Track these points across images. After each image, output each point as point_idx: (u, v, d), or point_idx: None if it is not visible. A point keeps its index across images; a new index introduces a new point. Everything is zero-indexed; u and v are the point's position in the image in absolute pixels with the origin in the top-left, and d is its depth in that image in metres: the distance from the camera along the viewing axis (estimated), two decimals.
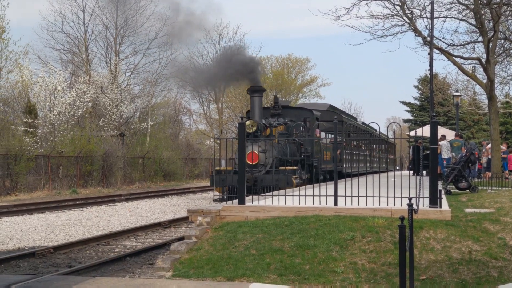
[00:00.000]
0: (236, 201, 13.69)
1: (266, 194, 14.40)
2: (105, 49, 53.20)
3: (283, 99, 62.73)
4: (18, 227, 18.53)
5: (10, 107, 42.55)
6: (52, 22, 52.44)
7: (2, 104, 42.26)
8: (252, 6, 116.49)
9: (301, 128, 27.59)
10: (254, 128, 24.44)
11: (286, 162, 24.18)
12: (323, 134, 35.58)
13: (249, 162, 24.61)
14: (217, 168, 26.50)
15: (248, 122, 24.50)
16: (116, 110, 48.09)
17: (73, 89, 43.46)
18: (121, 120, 49.16)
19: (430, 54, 25.16)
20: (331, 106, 36.08)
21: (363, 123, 44.44)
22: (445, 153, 25.48)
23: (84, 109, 44.36)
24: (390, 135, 42.60)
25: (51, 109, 41.40)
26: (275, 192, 14.43)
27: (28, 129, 38.23)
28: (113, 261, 12.88)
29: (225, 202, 14.50)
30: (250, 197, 14.97)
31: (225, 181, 24.47)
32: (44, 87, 41.92)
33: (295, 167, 25.06)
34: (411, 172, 23.94)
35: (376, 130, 42.35)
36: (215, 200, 24.15)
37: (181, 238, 14.22)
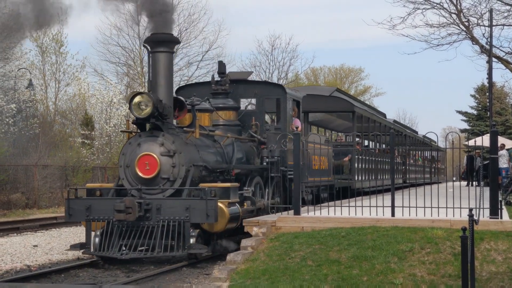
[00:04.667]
0: (291, 211, 13.65)
1: (322, 204, 14.28)
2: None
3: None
4: (76, 237, 18.83)
5: (68, 120, 43.46)
6: (108, 36, 53.43)
7: (60, 116, 43.20)
8: (305, 17, 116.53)
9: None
10: (148, 110, 13.11)
11: (216, 175, 14.41)
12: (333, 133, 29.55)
13: (141, 175, 13.34)
14: (88, 185, 15.04)
15: (136, 99, 13.22)
16: None
17: None
18: None
19: (489, 62, 24.68)
20: (338, 91, 26.05)
21: (394, 121, 36.39)
22: (504, 163, 24.98)
23: None
24: (436, 141, 38.51)
25: (107, 121, 42.10)
26: (331, 203, 14.31)
27: (85, 141, 38.91)
28: (170, 271, 12.96)
29: (280, 213, 14.40)
30: (306, 207, 14.86)
31: (91, 209, 13.10)
32: (100, 100, 42.68)
33: (227, 184, 13.62)
34: (465, 182, 23.56)
35: (414, 132, 37.85)
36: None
37: (237, 249, 14.24)
